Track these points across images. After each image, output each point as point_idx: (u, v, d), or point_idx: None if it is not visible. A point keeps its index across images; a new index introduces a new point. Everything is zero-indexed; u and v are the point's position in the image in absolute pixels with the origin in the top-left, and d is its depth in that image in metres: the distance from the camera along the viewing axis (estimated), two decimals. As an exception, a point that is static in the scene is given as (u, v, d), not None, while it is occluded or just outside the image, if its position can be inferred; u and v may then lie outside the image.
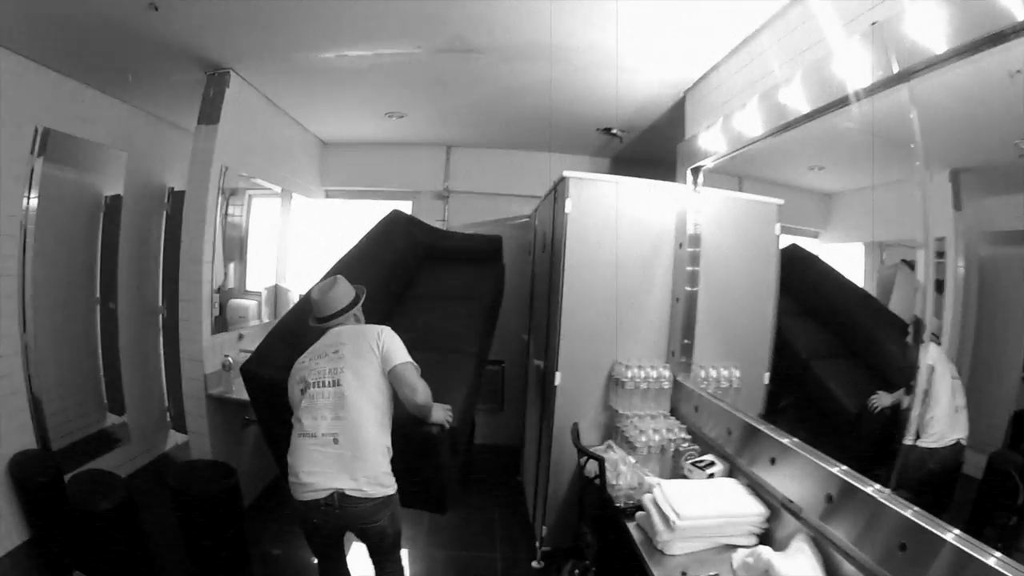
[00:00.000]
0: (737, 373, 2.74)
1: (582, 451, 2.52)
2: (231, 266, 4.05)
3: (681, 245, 2.95)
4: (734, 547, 1.90)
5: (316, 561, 2.33)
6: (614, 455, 2.59)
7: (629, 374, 2.77)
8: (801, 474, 1.80)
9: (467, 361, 2.97)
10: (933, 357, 1.65)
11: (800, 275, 2.65)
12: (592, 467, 2.43)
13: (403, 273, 3.53)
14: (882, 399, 1.99)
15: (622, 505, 2.26)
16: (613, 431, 2.89)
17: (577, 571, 2.69)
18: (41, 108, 3.07)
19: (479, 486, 4.14)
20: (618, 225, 2.94)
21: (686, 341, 2.88)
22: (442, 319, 3.14)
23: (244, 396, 3.19)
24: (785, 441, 1.93)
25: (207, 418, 3.21)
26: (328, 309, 2.28)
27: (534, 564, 3.14)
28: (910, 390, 1.62)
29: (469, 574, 3.12)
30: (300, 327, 2.43)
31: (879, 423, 1.95)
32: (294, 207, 4.51)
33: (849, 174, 2.44)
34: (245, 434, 3.61)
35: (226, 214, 3.84)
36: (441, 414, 2.23)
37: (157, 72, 3.28)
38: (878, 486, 1.51)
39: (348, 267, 3.03)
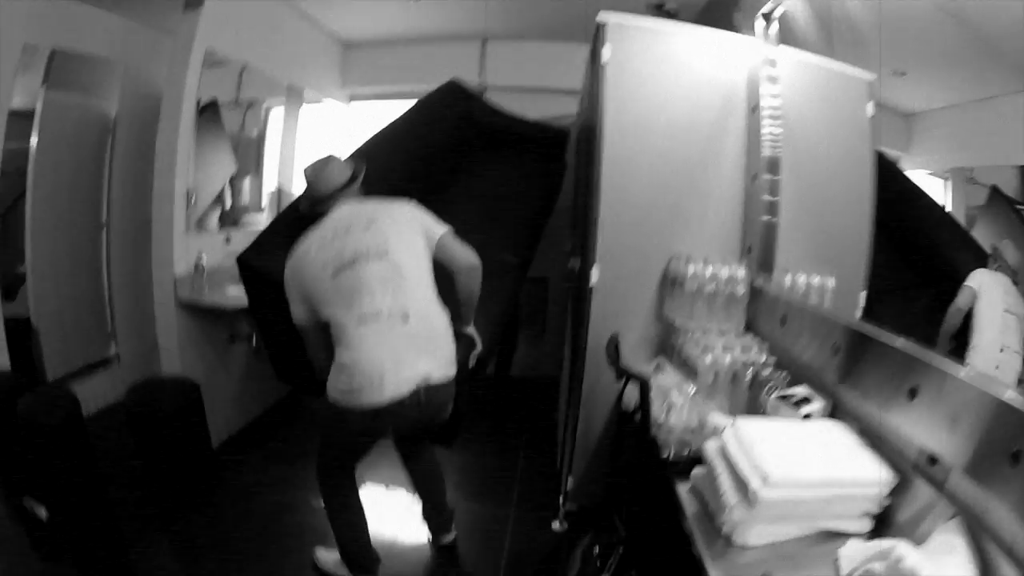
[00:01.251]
0: (832, 283, 1.96)
1: (619, 372, 1.79)
2: (246, 181, 3.58)
3: (754, 110, 2.13)
4: (837, 535, 1.13)
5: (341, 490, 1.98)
6: (665, 380, 1.84)
7: (691, 270, 2.00)
8: (966, 414, 1.00)
9: (507, 274, 2.56)
10: (981, 282, 1.59)
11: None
12: (632, 395, 1.71)
13: (450, 156, 2.94)
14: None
15: (671, 455, 1.55)
16: (667, 350, 2.13)
17: (596, 551, 1.92)
18: (30, 27, 2.61)
19: (507, 424, 3.50)
20: (672, 83, 2.17)
21: (767, 236, 2.07)
22: (485, 219, 2.57)
23: (221, 302, 2.71)
24: (941, 364, 1.10)
25: (177, 330, 2.70)
26: (327, 185, 1.91)
27: (555, 526, 2.45)
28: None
29: (474, 533, 2.46)
30: (299, 231, 1.94)
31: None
32: (306, 111, 3.90)
33: (935, 84, 2.04)
34: (229, 355, 3.11)
35: (242, 126, 3.41)
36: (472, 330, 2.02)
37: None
38: None
39: (384, 142, 2.65)
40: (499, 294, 2.36)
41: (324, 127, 4.16)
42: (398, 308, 1.72)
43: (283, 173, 3.72)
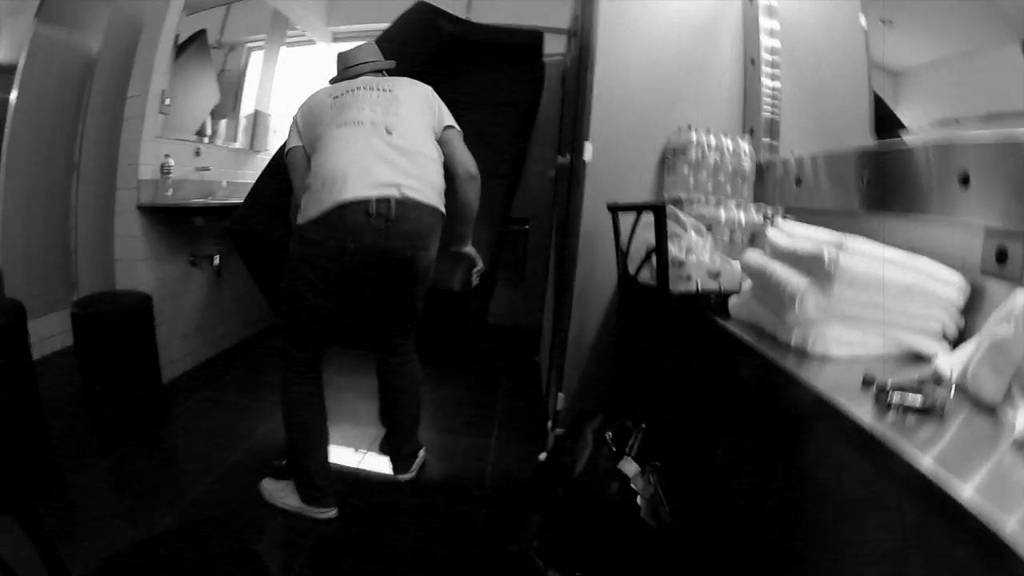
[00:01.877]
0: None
1: (618, 208, 1.67)
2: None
3: (751, 1, 2.07)
4: (911, 356, 1.00)
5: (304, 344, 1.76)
6: (680, 226, 1.69)
7: (694, 138, 1.90)
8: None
9: (497, 187, 2.45)
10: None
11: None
12: (639, 248, 1.58)
13: (429, 71, 2.78)
14: None
15: (697, 287, 1.42)
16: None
17: (609, 436, 1.52)
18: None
19: (485, 369, 3.25)
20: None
21: (770, 114, 2.00)
22: (471, 132, 2.39)
23: (182, 201, 2.50)
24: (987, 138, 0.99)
25: (141, 240, 2.46)
26: (359, 58, 1.89)
27: (541, 457, 2.24)
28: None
29: (452, 465, 2.25)
30: (284, 183, 1.87)
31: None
32: (287, 53, 3.74)
33: (922, 35, 1.89)
34: (190, 279, 2.85)
35: (223, 67, 3.25)
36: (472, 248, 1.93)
37: None
38: None
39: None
40: (492, 208, 2.29)
41: (305, 66, 3.98)
42: (382, 123, 1.64)
43: (261, 101, 3.52)
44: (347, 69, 1.88)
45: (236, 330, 3.30)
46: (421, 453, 2.12)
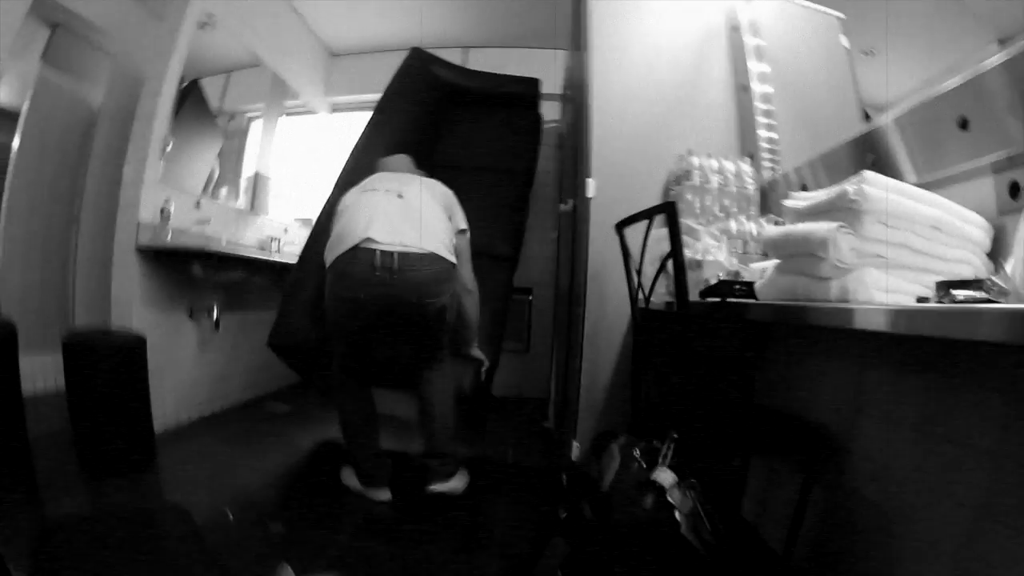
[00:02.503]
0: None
1: (626, 224, 1.63)
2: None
3: (736, 29, 2.20)
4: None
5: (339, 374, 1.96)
6: (693, 236, 1.67)
7: (696, 163, 1.93)
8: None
9: (499, 268, 2.62)
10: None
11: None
12: (657, 251, 1.54)
13: (428, 121, 2.96)
14: None
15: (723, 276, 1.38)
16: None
17: (637, 453, 1.45)
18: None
19: (491, 439, 2.96)
20: (654, 14, 2.23)
21: (767, 137, 2.05)
22: (470, 206, 2.48)
23: (182, 243, 2.48)
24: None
25: (138, 283, 2.39)
26: (391, 167, 2.12)
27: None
28: None
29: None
30: (313, 283, 2.09)
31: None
32: (286, 123, 3.86)
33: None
34: (183, 328, 2.73)
35: (225, 134, 3.26)
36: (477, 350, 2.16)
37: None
38: None
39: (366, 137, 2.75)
40: (495, 290, 2.45)
41: (305, 135, 4.10)
42: (397, 190, 1.87)
43: (261, 165, 3.58)
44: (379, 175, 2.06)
45: (235, 391, 3.16)
46: (463, 474, 2.07)
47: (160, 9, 3.05)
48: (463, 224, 2.00)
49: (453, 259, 1.86)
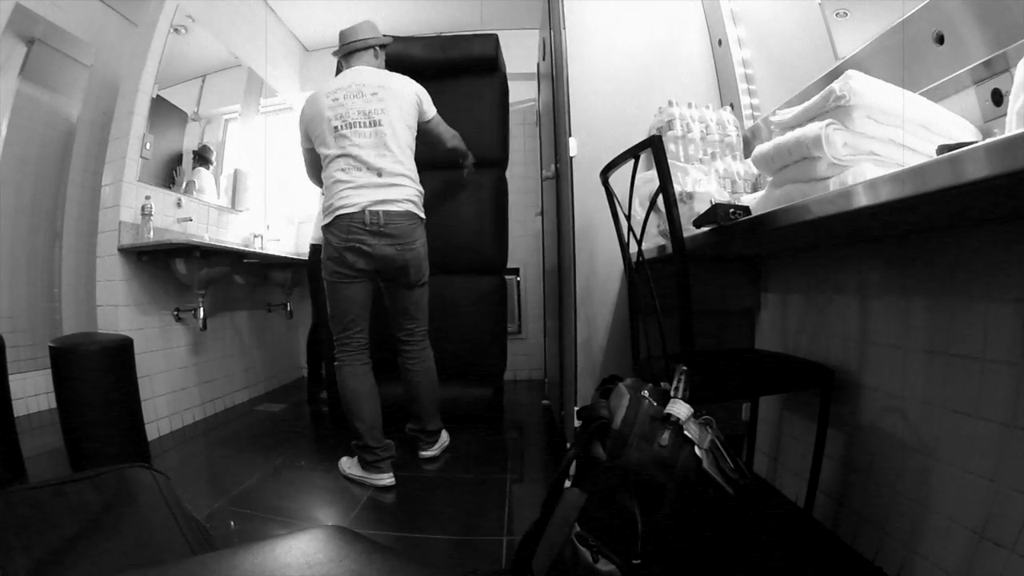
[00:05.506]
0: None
1: (610, 168, 1.56)
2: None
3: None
4: None
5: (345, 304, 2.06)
6: (681, 171, 1.62)
7: (676, 113, 1.89)
8: None
9: (496, 283, 2.83)
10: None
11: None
12: (645, 192, 1.49)
13: None
14: None
15: (711, 203, 1.34)
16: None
17: (646, 394, 1.26)
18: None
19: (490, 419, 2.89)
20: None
21: (748, 88, 2.03)
22: (453, 224, 2.74)
23: (163, 241, 2.39)
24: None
25: (122, 286, 2.31)
26: (354, 35, 2.18)
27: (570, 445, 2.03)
28: None
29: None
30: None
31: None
32: (261, 120, 3.78)
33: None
34: (174, 334, 2.66)
35: (201, 138, 3.16)
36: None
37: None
38: None
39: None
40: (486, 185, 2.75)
41: (282, 132, 4.01)
42: (375, 167, 2.00)
43: (241, 160, 3.49)
44: (345, 46, 2.17)
45: (225, 393, 3.07)
46: (444, 435, 2.33)
47: (136, 14, 3.00)
48: (433, 111, 2.20)
49: (421, 214, 2.10)
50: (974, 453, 1.05)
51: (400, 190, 2.01)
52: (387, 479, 1.97)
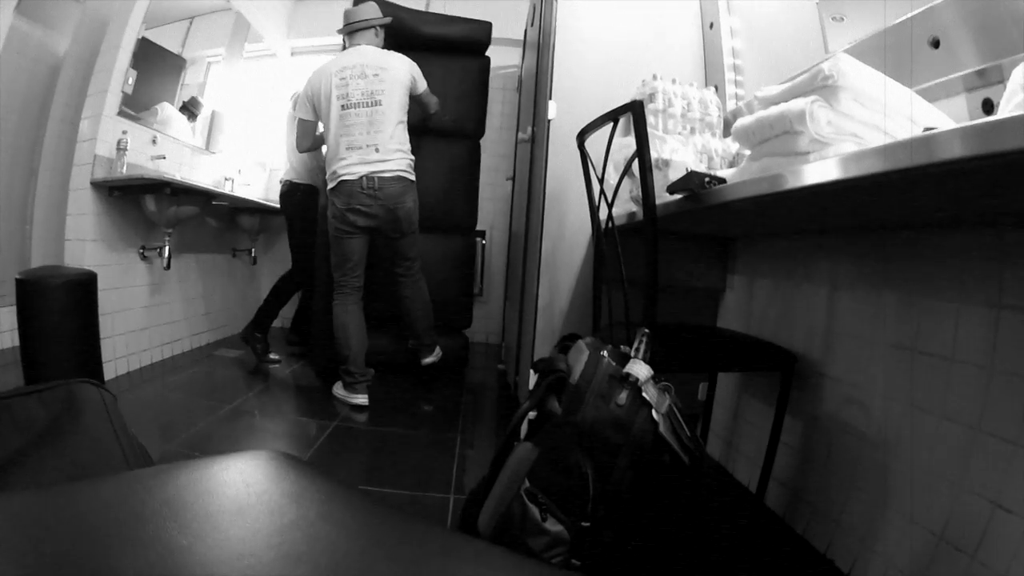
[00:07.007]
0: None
1: (587, 131, 1.53)
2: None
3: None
4: None
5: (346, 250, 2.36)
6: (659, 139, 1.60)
7: (659, 87, 1.86)
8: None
9: (465, 242, 3.08)
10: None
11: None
12: (619, 159, 1.46)
13: None
14: None
15: (687, 171, 1.32)
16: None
17: (604, 354, 1.29)
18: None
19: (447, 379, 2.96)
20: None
21: (734, 76, 2.01)
22: (430, 186, 2.85)
23: (135, 176, 2.30)
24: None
25: (92, 220, 2.22)
26: (357, 15, 2.39)
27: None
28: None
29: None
30: None
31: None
32: (245, 65, 3.63)
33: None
34: (134, 270, 2.58)
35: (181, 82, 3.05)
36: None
37: None
38: None
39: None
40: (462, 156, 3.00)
41: (262, 77, 3.88)
42: (372, 143, 2.27)
43: (219, 102, 3.37)
44: (349, 25, 2.39)
45: (184, 336, 3.01)
46: (438, 349, 2.66)
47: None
48: (423, 85, 2.45)
49: (411, 177, 2.37)
50: (937, 453, 1.05)
51: (393, 162, 2.29)
52: (361, 399, 2.34)
